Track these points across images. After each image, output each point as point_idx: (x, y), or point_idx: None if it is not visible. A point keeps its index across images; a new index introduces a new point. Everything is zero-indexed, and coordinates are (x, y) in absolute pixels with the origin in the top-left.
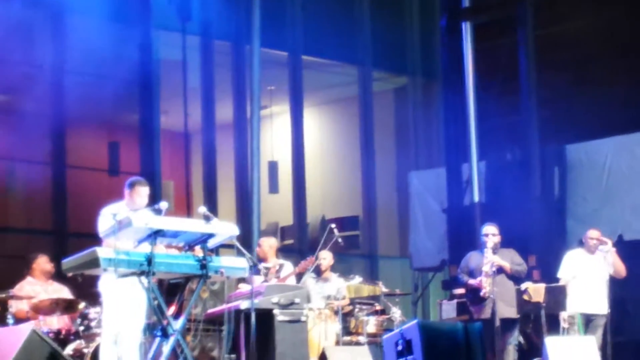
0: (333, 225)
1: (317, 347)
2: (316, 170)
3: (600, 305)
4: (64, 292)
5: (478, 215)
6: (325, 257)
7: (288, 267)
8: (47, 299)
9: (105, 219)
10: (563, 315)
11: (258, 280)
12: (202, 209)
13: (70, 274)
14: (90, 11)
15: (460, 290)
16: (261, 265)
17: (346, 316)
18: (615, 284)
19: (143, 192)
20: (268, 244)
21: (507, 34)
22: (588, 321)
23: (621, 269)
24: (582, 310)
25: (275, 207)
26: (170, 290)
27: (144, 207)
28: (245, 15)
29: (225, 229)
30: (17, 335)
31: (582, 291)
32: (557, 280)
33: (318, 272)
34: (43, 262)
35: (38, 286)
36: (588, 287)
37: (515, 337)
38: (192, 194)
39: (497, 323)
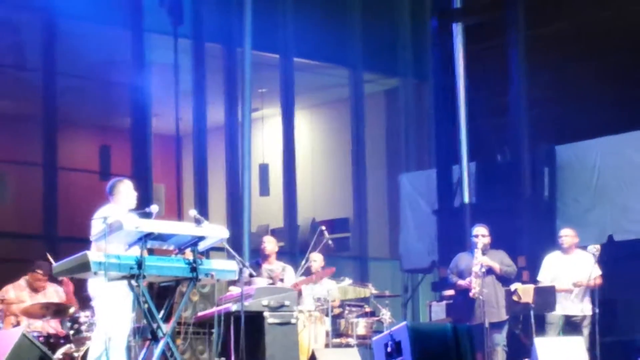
0: (323, 228)
1: (307, 349)
2: (307, 172)
3: (581, 306)
4: (54, 297)
5: (468, 217)
6: (316, 259)
7: (290, 271)
8: (37, 303)
9: (98, 222)
10: (548, 317)
11: (262, 282)
12: (193, 212)
13: (60, 278)
14: (82, 14)
15: (450, 292)
16: (265, 267)
17: (336, 318)
18: (605, 284)
19: (131, 187)
20: (275, 243)
21: (497, 35)
22: (570, 323)
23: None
24: (562, 312)
25: (266, 210)
26: (161, 294)
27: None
28: (237, 18)
29: (215, 231)
30: (7, 339)
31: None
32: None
33: (308, 274)
34: (35, 277)
35: (26, 292)
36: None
37: (504, 338)
38: (183, 197)
39: (487, 324)
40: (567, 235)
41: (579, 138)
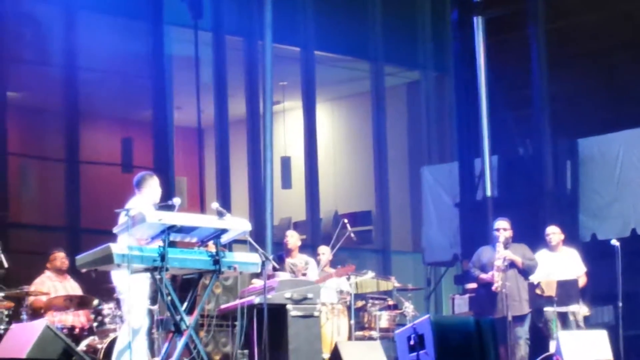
0: (346, 220)
1: (330, 342)
2: (329, 165)
3: (571, 301)
4: (77, 290)
5: (490, 210)
6: (324, 252)
7: (313, 265)
8: (61, 296)
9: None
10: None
11: (284, 277)
12: (215, 205)
13: (84, 270)
14: (103, 8)
15: (472, 285)
16: (287, 262)
17: (359, 311)
18: (628, 278)
19: (158, 182)
20: (297, 237)
21: (518, 27)
22: (565, 320)
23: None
24: (556, 309)
25: (288, 203)
26: (184, 286)
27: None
28: (257, 11)
29: (238, 224)
30: (31, 331)
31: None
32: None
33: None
34: (58, 259)
35: (57, 282)
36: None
37: (527, 332)
38: (205, 189)
39: (509, 317)
40: (554, 232)
41: (602, 131)
